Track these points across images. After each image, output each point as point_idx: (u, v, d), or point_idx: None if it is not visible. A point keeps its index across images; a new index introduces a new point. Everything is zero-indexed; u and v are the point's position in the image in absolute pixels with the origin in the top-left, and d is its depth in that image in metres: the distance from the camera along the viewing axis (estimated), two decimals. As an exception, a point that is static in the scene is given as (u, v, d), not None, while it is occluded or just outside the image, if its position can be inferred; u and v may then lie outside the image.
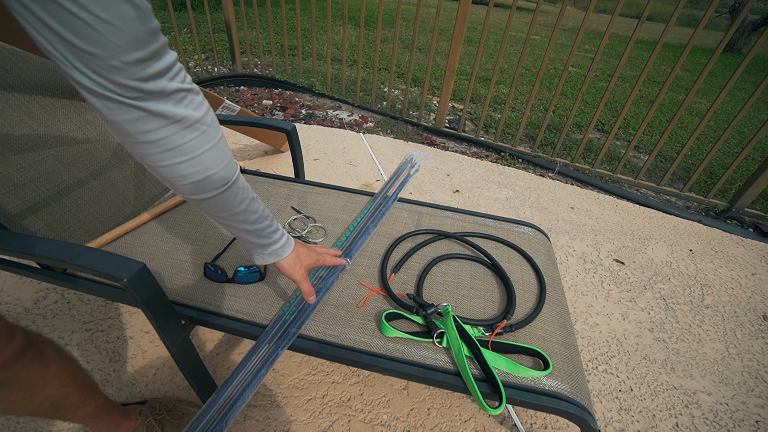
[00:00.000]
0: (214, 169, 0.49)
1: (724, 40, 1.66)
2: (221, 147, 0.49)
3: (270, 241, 0.64)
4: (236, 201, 0.55)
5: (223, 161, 0.50)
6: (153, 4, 4.01)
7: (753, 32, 8.15)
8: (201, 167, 0.48)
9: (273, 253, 0.66)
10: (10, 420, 0.87)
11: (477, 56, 2.20)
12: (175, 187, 0.50)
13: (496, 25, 7.66)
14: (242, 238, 0.62)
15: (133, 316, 1.13)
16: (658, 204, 2.06)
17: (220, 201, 0.53)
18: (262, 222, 0.61)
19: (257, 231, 0.61)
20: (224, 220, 0.57)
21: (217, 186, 0.51)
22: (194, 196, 0.51)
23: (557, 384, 0.70)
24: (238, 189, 0.55)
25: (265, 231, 0.62)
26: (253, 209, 0.59)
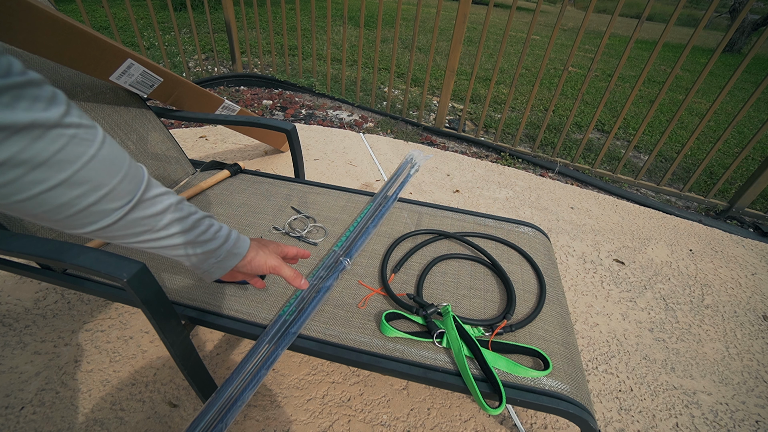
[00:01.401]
0: (108, 184, 0.36)
1: (724, 40, 1.66)
2: (108, 151, 0.35)
3: (219, 242, 0.50)
4: (156, 213, 0.41)
5: (119, 169, 0.37)
6: (153, 4, 4.01)
7: (753, 32, 8.15)
8: (87, 186, 0.34)
9: (230, 254, 0.51)
10: (10, 420, 0.87)
11: (477, 56, 2.20)
12: (56, 223, 0.35)
13: (496, 25, 7.66)
14: (184, 255, 0.47)
15: (133, 316, 1.13)
16: (658, 204, 2.06)
17: (132, 222, 0.39)
18: (199, 225, 0.46)
19: (198, 239, 0.46)
20: (147, 243, 0.42)
21: (120, 204, 0.37)
22: (89, 227, 0.37)
23: (557, 384, 0.70)
24: (155, 197, 0.41)
25: (207, 233, 0.48)
26: (184, 214, 0.44)
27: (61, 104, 0.32)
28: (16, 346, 1.03)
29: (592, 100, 3.70)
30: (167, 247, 0.44)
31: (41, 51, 0.93)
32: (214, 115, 1.39)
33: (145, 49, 2.96)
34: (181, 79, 1.32)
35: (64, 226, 0.36)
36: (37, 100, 0.30)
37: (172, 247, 0.45)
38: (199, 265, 0.50)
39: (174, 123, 2.38)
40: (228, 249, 0.51)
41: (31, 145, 0.30)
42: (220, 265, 0.51)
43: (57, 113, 0.31)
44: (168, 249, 0.45)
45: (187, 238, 0.45)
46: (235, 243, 0.52)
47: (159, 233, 0.42)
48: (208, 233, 0.48)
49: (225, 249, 0.51)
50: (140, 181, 0.39)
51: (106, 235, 0.39)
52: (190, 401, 0.95)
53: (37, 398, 0.92)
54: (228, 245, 0.51)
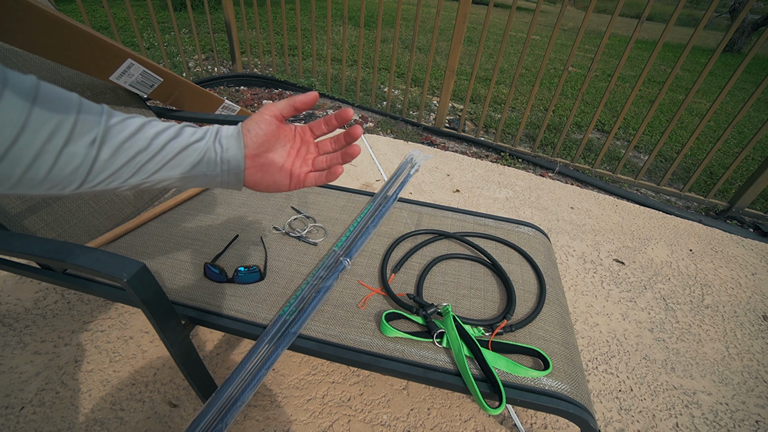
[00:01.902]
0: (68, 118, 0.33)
1: (724, 40, 1.66)
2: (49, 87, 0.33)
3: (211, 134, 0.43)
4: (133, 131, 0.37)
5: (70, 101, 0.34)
6: (153, 4, 4.02)
7: (753, 32, 8.15)
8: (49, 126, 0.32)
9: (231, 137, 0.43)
10: (10, 420, 0.87)
11: (477, 56, 2.20)
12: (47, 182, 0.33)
13: (496, 25, 7.66)
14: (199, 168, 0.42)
15: (133, 316, 1.13)
16: (658, 204, 2.06)
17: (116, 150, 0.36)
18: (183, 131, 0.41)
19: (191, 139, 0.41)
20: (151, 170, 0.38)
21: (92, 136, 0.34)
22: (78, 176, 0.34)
23: (557, 384, 0.70)
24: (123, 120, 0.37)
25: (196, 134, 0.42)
26: (162, 126, 0.40)
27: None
28: (16, 346, 1.03)
29: (592, 100, 3.70)
30: (175, 165, 0.40)
31: (41, 51, 0.93)
32: (214, 115, 1.39)
33: (145, 49, 2.96)
34: (181, 79, 1.32)
35: (55, 184, 0.34)
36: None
37: (177, 164, 0.40)
38: (215, 169, 0.42)
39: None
40: (223, 135, 0.43)
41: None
42: (232, 154, 0.42)
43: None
44: (177, 168, 0.40)
45: (181, 141, 0.40)
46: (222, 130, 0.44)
47: (151, 151, 0.38)
48: (196, 134, 0.42)
49: (220, 138, 0.43)
50: (99, 109, 0.36)
51: (102, 179, 0.36)
52: (190, 401, 0.95)
53: (37, 398, 0.92)
54: (219, 135, 0.43)
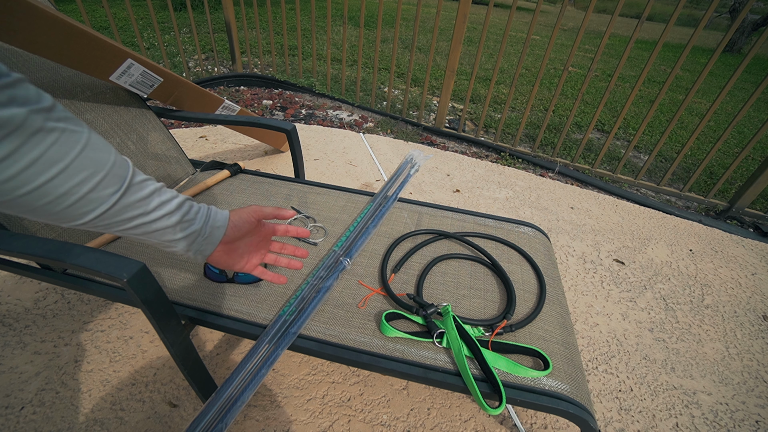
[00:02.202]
0: (102, 169, 0.38)
1: (724, 40, 1.66)
2: (96, 139, 0.38)
3: (201, 220, 0.51)
4: (145, 196, 0.43)
5: (109, 155, 0.39)
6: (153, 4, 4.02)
7: (753, 32, 8.15)
8: (84, 174, 0.37)
9: (214, 228, 0.52)
10: (10, 420, 0.87)
11: (477, 56, 2.20)
12: (58, 215, 0.37)
13: (496, 25, 7.66)
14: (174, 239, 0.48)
15: (133, 316, 1.13)
16: (658, 204, 2.06)
17: (125, 207, 0.41)
18: (182, 206, 0.48)
19: (185, 218, 0.48)
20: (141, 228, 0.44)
21: (115, 189, 0.40)
22: (88, 216, 0.39)
23: (557, 384, 0.70)
24: (142, 182, 0.43)
25: (190, 212, 0.49)
26: (169, 196, 0.46)
27: (48, 99, 0.34)
28: (16, 346, 1.03)
29: (592, 100, 3.70)
30: (158, 231, 0.46)
31: (41, 51, 0.93)
32: (214, 115, 1.39)
33: (145, 49, 2.96)
34: (181, 79, 1.32)
35: (63, 217, 0.38)
36: (28, 97, 0.32)
37: (162, 231, 0.46)
38: (190, 246, 0.50)
39: (174, 123, 2.38)
40: (211, 224, 0.52)
41: (29, 139, 0.32)
42: (209, 240, 0.52)
43: (47, 107, 0.33)
44: (159, 233, 0.46)
45: (174, 219, 0.46)
46: (215, 216, 0.53)
47: (150, 216, 0.44)
48: (190, 213, 0.49)
49: (209, 225, 0.52)
50: (127, 166, 0.42)
51: (102, 224, 0.41)
52: (190, 401, 0.95)
53: (37, 398, 0.92)
54: (210, 221, 0.52)
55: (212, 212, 0.53)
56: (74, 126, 0.36)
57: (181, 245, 0.49)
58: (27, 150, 0.32)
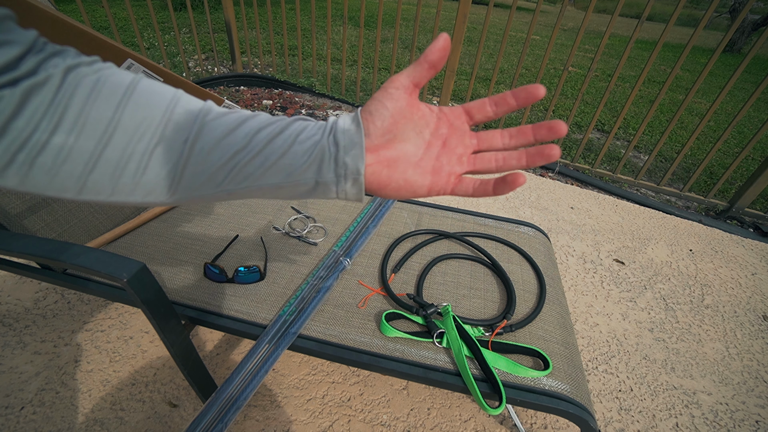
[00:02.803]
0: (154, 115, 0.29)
1: (724, 40, 1.66)
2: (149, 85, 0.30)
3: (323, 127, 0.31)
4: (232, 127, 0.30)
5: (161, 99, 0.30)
6: (153, 4, 4.01)
7: (753, 32, 8.15)
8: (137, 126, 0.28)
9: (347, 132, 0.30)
10: (10, 420, 0.87)
11: (477, 56, 2.20)
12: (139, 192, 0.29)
13: (496, 25, 7.66)
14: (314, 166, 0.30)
15: (133, 316, 1.13)
16: (658, 204, 2.06)
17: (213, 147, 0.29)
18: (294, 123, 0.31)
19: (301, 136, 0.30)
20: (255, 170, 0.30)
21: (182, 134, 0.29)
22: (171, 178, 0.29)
23: (557, 384, 0.70)
24: (221, 114, 0.30)
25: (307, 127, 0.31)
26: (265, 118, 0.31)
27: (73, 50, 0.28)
28: (16, 346, 1.03)
29: (592, 100, 3.70)
30: (278, 169, 0.30)
31: (41, 51, 0.93)
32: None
33: (145, 49, 2.96)
34: (181, 79, 1.32)
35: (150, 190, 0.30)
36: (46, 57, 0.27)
37: (281, 168, 0.30)
38: (323, 172, 0.31)
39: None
40: (334, 129, 0.31)
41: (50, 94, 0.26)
42: (347, 150, 0.30)
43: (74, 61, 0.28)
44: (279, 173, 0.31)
45: (288, 140, 0.30)
46: (336, 120, 0.32)
47: (251, 150, 0.30)
48: (299, 128, 0.31)
49: (333, 132, 0.31)
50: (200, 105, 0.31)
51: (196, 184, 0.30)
52: (190, 401, 0.95)
53: (37, 398, 0.92)
54: (332, 127, 0.31)
55: (331, 119, 0.32)
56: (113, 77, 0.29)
57: (311, 175, 0.31)
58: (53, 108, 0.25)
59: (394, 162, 0.32)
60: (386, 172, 0.32)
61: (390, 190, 0.33)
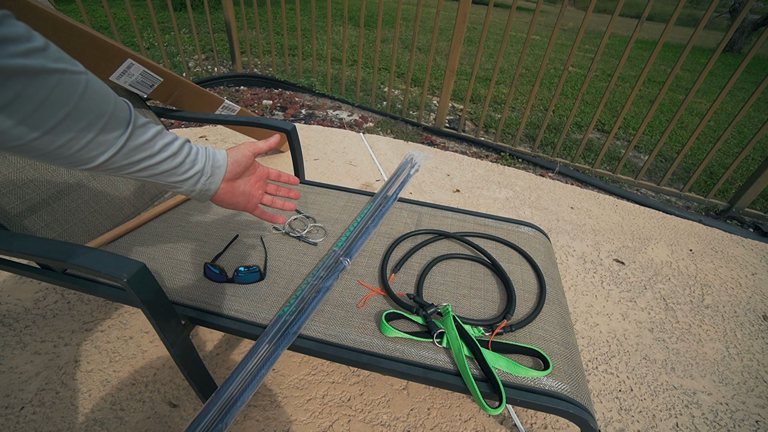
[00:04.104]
0: (107, 111, 0.39)
1: (724, 40, 1.66)
2: (95, 81, 0.38)
3: (202, 160, 0.53)
4: (150, 138, 0.45)
5: (109, 96, 0.40)
6: (153, 4, 4.01)
7: (753, 32, 8.15)
8: (91, 116, 0.37)
9: (215, 168, 0.55)
10: (10, 420, 0.87)
11: (477, 56, 2.20)
12: (71, 158, 0.38)
13: (496, 25, 7.66)
14: (181, 179, 0.50)
15: (133, 316, 1.13)
16: (658, 204, 2.06)
17: (133, 148, 0.43)
18: (184, 147, 0.50)
19: (187, 159, 0.50)
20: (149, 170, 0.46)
21: (121, 131, 0.41)
22: (100, 158, 0.40)
23: (557, 384, 0.70)
24: (145, 124, 0.44)
25: (191, 154, 0.51)
26: (170, 138, 0.48)
27: (40, 38, 0.33)
28: (16, 346, 1.03)
29: (592, 100, 3.70)
30: (165, 172, 0.48)
31: (41, 51, 0.93)
32: (214, 115, 1.39)
33: (145, 49, 2.96)
34: (181, 79, 1.32)
35: (75, 161, 0.39)
36: (19, 35, 0.31)
37: (169, 172, 0.48)
38: (195, 186, 0.52)
39: (174, 123, 2.38)
40: (212, 164, 0.54)
41: (32, 80, 0.32)
42: (212, 179, 0.54)
43: (42, 47, 0.33)
44: (165, 174, 0.48)
45: (178, 159, 0.49)
46: (215, 155, 0.55)
47: (156, 158, 0.46)
48: (191, 154, 0.51)
49: (210, 164, 0.54)
50: (129, 109, 0.42)
51: (112, 167, 0.42)
52: (190, 401, 0.95)
53: (37, 398, 0.92)
54: (211, 161, 0.54)
55: (211, 152, 0.55)
56: (72, 66, 0.35)
57: (187, 185, 0.51)
58: (32, 92, 0.32)
59: (234, 190, 0.59)
60: (228, 195, 0.59)
61: (224, 204, 0.60)
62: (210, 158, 0.54)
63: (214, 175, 0.54)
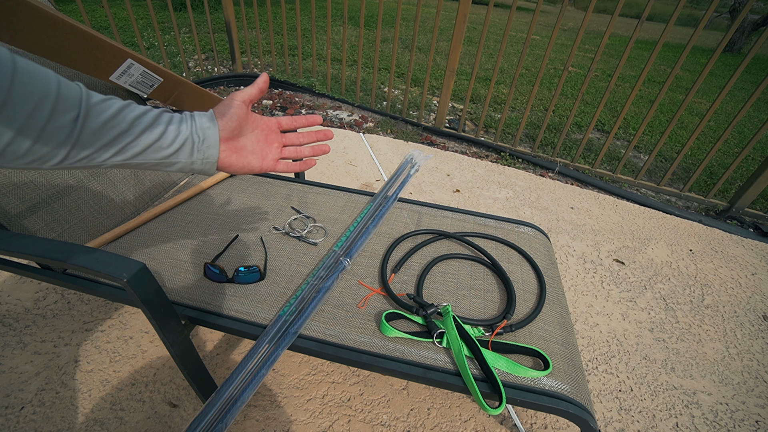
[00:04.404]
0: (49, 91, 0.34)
1: (724, 40, 1.66)
2: (25, 61, 0.33)
3: (188, 124, 0.45)
4: (114, 114, 0.38)
5: (48, 76, 0.34)
6: (153, 4, 4.01)
7: (753, 32, 8.15)
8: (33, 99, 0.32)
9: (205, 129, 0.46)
10: (10, 420, 0.87)
11: (477, 56, 2.20)
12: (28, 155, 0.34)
13: (496, 25, 7.66)
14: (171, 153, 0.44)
15: (133, 316, 1.13)
16: (658, 204, 2.06)
17: (97, 129, 0.37)
18: (161, 116, 0.43)
19: (168, 128, 0.43)
20: (129, 150, 0.40)
21: (74, 114, 0.35)
22: (62, 150, 0.35)
23: (557, 384, 0.70)
24: (102, 101, 0.38)
25: (173, 121, 0.44)
26: (142, 110, 0.41)
27: None
28: (16, 346, 1.03)
29: (592, 100, 3.70)
30: (149, 148, 0.41)
31: (41, 51, 0.93)
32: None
33: (145, 49, 2.96)
34: (181, 79, 1.32)
35: (36, 158, 0.34)
36: None
37: (153, 147, 0.42)
38: (191, 156, 0.45)
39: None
40: (199, 126, 0.45)
41: None
42: (207, 143, 0.46)
43: None
44: (151, 151, 0.42)
45: (159, 130, 0.42)
46: (198, 118, 0.46)
47: (130, 133, 0.40)
48: (173, 121, 0.43)
49: (197, 128, 0.45)
50: (77, 88, 0.37)
51: (85, 155, 0.37)
52: (190, 401, 0.95)
53: (37, 398, 0.92)
54: (197, 124, 0.45)
55: (193, 116, 0.46)
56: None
57: (182, 157, 0.44)
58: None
59: (240, 150, 0.50)
60: (234, 156, 0.50)
61: (235, 167, 0.51)
62: (195, 121, 0.45)
63: (207, 138, 0.46)
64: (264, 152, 0.53)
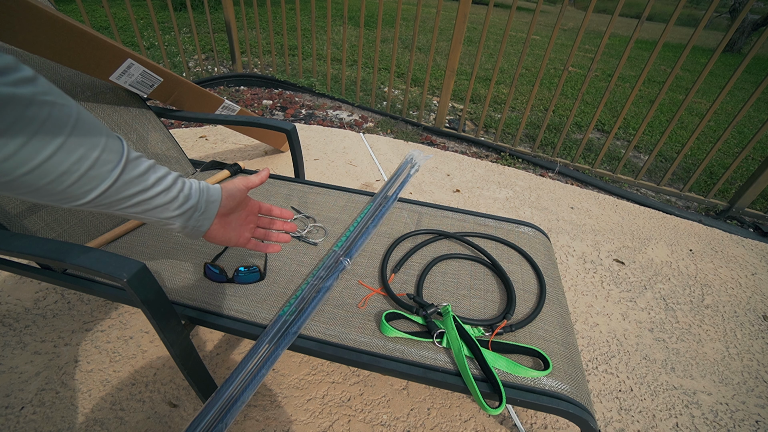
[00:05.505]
0: (99, 144, 0.37)
1: (724, 40, 1.66)
2: (86, 114, 0.37)
3: (196, 195, 0.51)
4: (143, 172, 0.43)
5: (101, 130, 0.38)
6: (153, 4, 4.01)
7: (753, 32, 8.15)
8: (82, 150, 0.36)
9: (209, 203, 0.53)
10: (10, 420, 0.87)
11: (477, 56, 2.20)
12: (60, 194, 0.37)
13: (496, 25, 7.66)
14: (174, 215, 0.48)
15: (133, 316, 1.13)
16: (658, 204, 2.06)
17: (126, 183, 0.41)
18: (177, 182, 0.48)
19: (180, 194, 0.48)
20: (142, 205, 0.44)
21: (113, 165, 0.39)
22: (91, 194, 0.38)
23: (557, 384, 0.70)
24: (137, 158, 0.43)
25: (184, 188, 0.49)
26: (163, 172, 0.46)
27: (28, 70, 0.32)
28: (16, 346, 1.03)
29: (592, 100, 3.69)
30: (158, 207, 0.46)
31: (41, 51, 0.93)
32: (214, 115, 1.39)
33: (145, 49, 2.96)
34: (181, 79, 1.32)
35: (66, 197, 0.37)
36: (7, 66, 0.30)
37: (162, 207, 0.46)
38: (187, 222, 0.50)
39: (174, 123, 2.37)
40: (206, 198, 0.52)
41: (24, 113, 0.31)
42: (206, 215, 0.52)
43: (31, 78, 0.32)
44: (158, 210, 0.46)
45: (172, 194, 0.46)
46: (209, 190, 0.53)
47: (149, 192, 0.44)
48: (185, 188, 0.49)
49: (204, 199, 0.52)
50: (121, 142, 0.41)
51: (105, 202, 0.40)
52: (190, 401, 0.95)
53: (37, 398, 0.92)
54: (205, 195, 0.52)
55: (205, 186, 0.53)
56: (62, 99, 0.34)
57: (179, 222, 0.49)
58: (23, 125, 0.31)
59: (226, 225, 0.57)
60: (221, 230, 0.56)
61: (216, 239, 0.57)
62: (204, 192, 0.52)
63: (207, 210, 0.52)
64: (241, 230, 0.61)
